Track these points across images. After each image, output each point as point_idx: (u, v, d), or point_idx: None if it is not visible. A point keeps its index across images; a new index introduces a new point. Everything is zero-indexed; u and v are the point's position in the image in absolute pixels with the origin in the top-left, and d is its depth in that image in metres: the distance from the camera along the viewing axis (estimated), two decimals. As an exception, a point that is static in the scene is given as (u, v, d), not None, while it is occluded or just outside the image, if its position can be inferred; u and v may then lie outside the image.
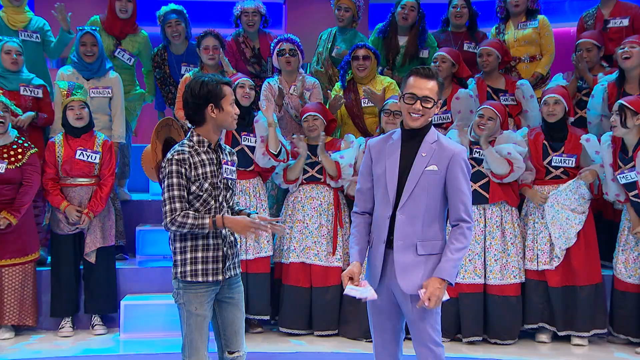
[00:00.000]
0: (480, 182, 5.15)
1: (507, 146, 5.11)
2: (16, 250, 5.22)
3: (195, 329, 3.48)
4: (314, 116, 5.32)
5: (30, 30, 6.09)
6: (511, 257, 5.14)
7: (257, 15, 6.29)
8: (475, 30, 6.46)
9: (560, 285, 5.14)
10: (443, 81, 3.51)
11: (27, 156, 5.20)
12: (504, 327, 5.16)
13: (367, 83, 5.80)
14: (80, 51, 5.74)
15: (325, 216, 5.31)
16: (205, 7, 7.77)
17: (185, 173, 3.40)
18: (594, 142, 5.14)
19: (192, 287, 3.47)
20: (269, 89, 5.73)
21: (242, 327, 3.62)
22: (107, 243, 5.37)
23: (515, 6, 6.28)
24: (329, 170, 5.28)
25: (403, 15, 6.18)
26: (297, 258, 5.29)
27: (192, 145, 3.47)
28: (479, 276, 5.11)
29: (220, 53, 5.78)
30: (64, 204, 5.20)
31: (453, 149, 3.32)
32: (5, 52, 5.58)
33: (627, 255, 5.08)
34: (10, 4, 6.10)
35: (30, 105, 5.64)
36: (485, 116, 5.15)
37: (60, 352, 4.97)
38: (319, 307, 5.29)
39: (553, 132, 5.24)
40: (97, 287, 5.35)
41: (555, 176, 5.22)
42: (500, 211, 5.17)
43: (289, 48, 5.70)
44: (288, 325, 5.35)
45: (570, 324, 5.17)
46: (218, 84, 3.43)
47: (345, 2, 6.24)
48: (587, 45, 5.78)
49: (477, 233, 5.13)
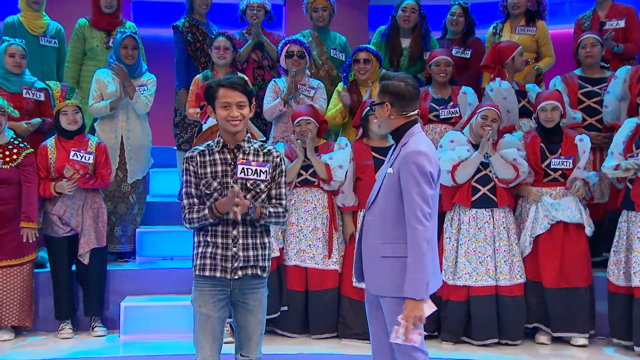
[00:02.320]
0: (488, 186, 5.17)
1: (511, 151, 5.14)
2: (13, 252, 5.20)
3: (199, 327, 3.54)
4: (307, 120, 5.31)
5: (49, 36, 6.14)
6: (516, 257, 5.17)
7: (262, 10, 6.41)
8: (469, 36, 6.48)
9: (556, 286, 5.14)
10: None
11: (23, 156, 5.19)
12: (513, 327, 5.17)
13: (369, 85, 5.81)
14: (122, 54, 5.78)
15: (320, 219, 5.30)
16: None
17: (193, 170, 3.48)
18: (587, 142, 5.22)
19: (199, 284, 3.54)
20: (275, 87, 5.83)
21: (256, 334, 3.60)
22: (101, 244, 5.36)
23: (515, 8, 6.30)
24: (319, 173, 5.25)
25: (404, 17, 6.23)
26: (291, 261, 5.28)
27: (211, 144, 3.53)
28: (491, 278, 5.11)
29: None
30: (52, 185, 5.18)
31: (406, 151, 3.28)
32: (9, 54, 5.58)
33: (617, 257, 5.09)
34: (30, 9, 6.12)
35: (32, 108, 5.64)
36: (489, 117, 5.16)
37: (59, 354, 4.95)
38: (316, 310, 5.28)
39: (549, 135, 5.28)
40: (90, 289, 5.35)
41: (553, 179, 5.25)
42: (505, 213, 5.20)
43: (297, 50, 5.77)
44: (284, 328, 5.34)
45: (565, 325, 5.17)
46: (214, 85, 3.45)
47: (321, 2, 6.33)
48: (591, 41, 5.79)
49: (487, 235, 5.14)
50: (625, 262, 5.04)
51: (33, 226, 5.14)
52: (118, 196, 5.90)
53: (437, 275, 3.39)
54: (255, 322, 3.59)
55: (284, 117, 5.77)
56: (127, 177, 5.91)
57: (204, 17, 6.51)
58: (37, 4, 6.12)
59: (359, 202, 5.27)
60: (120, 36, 5.81)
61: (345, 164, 5.23)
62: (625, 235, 5.07)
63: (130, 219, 5.97)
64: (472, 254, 5.13)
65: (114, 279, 5.56)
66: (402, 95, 3.34)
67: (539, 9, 6.39)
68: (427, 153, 3.26)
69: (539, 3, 6.38)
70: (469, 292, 5.11)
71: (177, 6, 6.74)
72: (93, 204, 5.34)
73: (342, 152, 5.30)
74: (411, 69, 6.23)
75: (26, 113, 5.60)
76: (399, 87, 3.34)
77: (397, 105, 3.35)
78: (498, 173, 5.14)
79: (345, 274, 5.28)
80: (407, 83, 3.35)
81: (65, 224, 5.24)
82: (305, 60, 5.82)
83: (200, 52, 6.35)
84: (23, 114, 5.58)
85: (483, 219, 5.15)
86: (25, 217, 5.12)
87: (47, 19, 6.24)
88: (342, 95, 5.74)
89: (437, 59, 5.68)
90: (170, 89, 6.55)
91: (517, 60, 5.74)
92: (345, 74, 5.89)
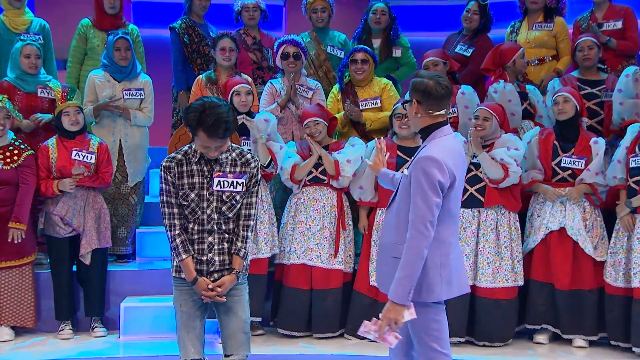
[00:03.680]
0: (477, 186, 5.16)
1: (500, 151, 5.11)
2: (12, 253, 5.21)
3: (182, 326, 3.60)
4: (315, 121, 5.32)
5: (32, 32, 6.09)
6: (504, 261, 5.12)
7: (257, 11, 6.45)
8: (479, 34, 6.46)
9: (568, 288, 5.13)
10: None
11: (23, 157, 5.20)
12: (494, 330, 5.15)
13: (365, 85, 5.83)
14: (115, 56, 5.78)
15: (328, 218, 5.31)
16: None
17: (171, 180, 3.51)
18: (601, 145, 5.18)
19: (177, 284, 3.63)
20: (271, 89, 5.80)
21: (238, 332, 3.63)
22: (103, 245, 5.37)
23: (533, 2, 6.31)
24: (328, 169, 5.27)
25: (375, 20, 6.37)
26: (298, 259, 5.28)
27: (187, 153, 3.53)
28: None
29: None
30: (55, 183, 5.20)
31: (420, 156, 3.25)
32: (24, 55, 5.60)
33: (614, 258, 5.09)
34: (11, 7, 6.10)
35: (46, 107, 5.67)
36: (481, 117, 5.16)
37: (59, 354, 4.96)
38: (320, 309, 5.29)
39: (564, 132, 5.25)
40: (91, 289, 5.36)
41: (562, 178, 5.22)
42: (496, 215, 5.16)
43: (293, 52, 5.75)
44: (287, 327, 5.35)
45: (576, 326, 5.17)
46: (193, 124, 3.37)
47: (320, 2, 6.36)
48: (588, 43, 5.80)
49: (468, 235, 5.13)
50: (625, 263, 5.04)
51: (21, 227, 5.14)
52: (118, 198, 5.90)
53: (453, 282, 3.32)
54: (236, 320, 3.62)
55: (282, 120, 5.74)
56: (128, 180, 5.91)
57: (201, 19, 6.52)
58: (19, 2, 6.09)
59: (378, 200, 5.27)
60: (113, 38, 5.80)
61: (355, 160, 5.23)
62: (624, 237, 5.07)
63: (133, 220, 5.98)
64: None
65: (114, 279, 5.57)
66: (429, 93, 3.27)
67: (558, 6, 6.38)
68: (438, 160, 3.18)
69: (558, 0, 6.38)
70: None
71: (177, 7, 6.75)
72: (95, 205, 5.36)
73: (352, 149, 5.31)
74: (382, 65, 6.29)
75: (41, 112, 5.63)
76: (428, 85, 3.27)
77: (424, 103, 3.28)
78: (487, 173, 5.12)
79: (360, 271, 5.28)
80: (437, 82, 3.27)
81: (67, 225, 5.25)
82: (301, 60, 5.81)
83: (196, 53, 6.36)
84: (38, 112, 5.61)
85: (467, 219, 5.13)
86: (15, 218, 5.13)
87: (31, 16, 6.21)
88: (352, 110, 5.70)
89: (425, 61, 5.71)
90: (169, 89, 6.56)
91: (518, 63, 5.73)
92: (340, 73, 5.90)
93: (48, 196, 5.26)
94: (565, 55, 6.28)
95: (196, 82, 5.88)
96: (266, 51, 6.42)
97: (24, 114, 5.53)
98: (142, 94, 5.89)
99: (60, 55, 6.43)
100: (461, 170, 3.32)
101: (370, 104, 5.77)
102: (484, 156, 5.09)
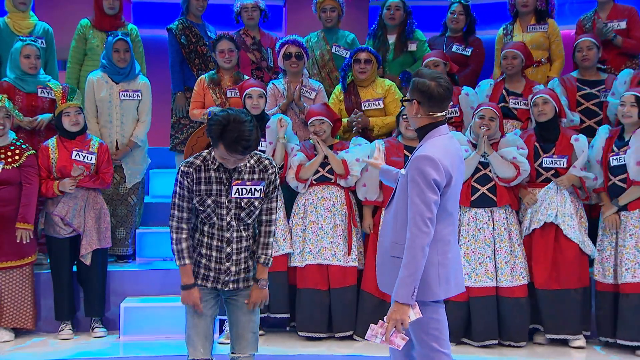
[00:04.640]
0: (487, 186, 5.17)
1: (511, 150, 5.15)
2: (13, 253, 5.21)
3: (192, 325, 3.60)
4: (320, 120, 5.32)
5: (35, 36, 6.09)
6: (518, 259, 5.16)
7: (256, 10, 6.44)
8: (470, 34, 6.52)
9: (546, 287, 5.14)
10: None
11: (25, 157, 5.21)
12: (515, 329, 5.17)
13: (367, 86, 5.83)
14: (114, 57, 5.78)
15: (339, 216, 5.29)
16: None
17: (187, 185, 3.48)
18: (583, 141, 5.20)
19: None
20: (273, 90, 5.79)
21: (247, 331, 3.63)
22: (103, 245, 5.37)
23: (524, 6, 6.32)
24: (336, 168, 5.26)
25: (389, 15, 6.36)
26: (313, 260, 5.24)
27: (206, 159, 3.51)
28: (491, 279, 5.12)
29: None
30: (56, 183, 5.20)
31: (416, 155, 3.26)
32: (24, 56, 5.60)
33: (602, 255, 5.12)
34: (16, 10, 6.11)
35: (47, 106, 5.67)
36: (487, 117, 5.17)
37: (59, 355, 4.96)
38: (339, 308, 5.25)
39: (544, 133, 5.29)
40: (91, 290, 5.36)
41: (546, 179, 5.25)
42: (506, 214, 5.21)
43: (295, 52, 5.74)
44: (308, 329, 5.29)
45: (558, 327, 5.17)
46: (215, 137, 3.35)
47: (330, 2, 6.35)
48: (587, 44, 5.81)
49: (486, 236, 5.15)
50: (615, 259, 5.07)
51: (29, 227, 5.15)
52: (116, 199, 5.90)
53: (451, 281, 3.33)
54: (245, 319, 3.62)
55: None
56: (126, 180, 5.91)
57: (199, 19, 6.52)
58: (24, 5, 6.10)
59: (383, 199, 5.28)
60: (112, 39, 5.80)
61: (363, 159, 5.25)
62: (611, 234, 5.10)
63: (132, 220, 5.98)
64: (471, 255, 5.14)
65: (114, 279, 5.57)
66: (431, 95, 3.25)
67: (547, 8, 6.39)
68: (433, 159, 3.18)
69: (547, 2, 6.38)
70: (468, 293, 5.11)
71: (177, 7, 6.74)
72: (95, 205, 5.36)
73: (359, 148, 5.31)
74: (397, 60, 6.30)
75: (42, 112, 5.64)
76: (429, 86, 3.25)
77: (425, 104, 3.28)
78: (498, 172, 5.14)
79: (366, 270, 5.28)
80: (439, 83, 3.25)
81: (68, 225, 5.25)
82: (303, 61, 5.81)
83: (194, 54, 6.36)
84: (38, 112, 5.62)
85: (482, 220, 5.16)
86: (22, 218, 5.14)
87: (35, 19, 6.21)
88: (361, 123, 5.67)
89: (426, 61, 5.70)
90: (169, 89, 6.56)
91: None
92: (343, 73, 5.89)
93: (48, 196, 5.26)
94: (558, 59, 6.30)
95: (198, 81, 5.88)
96: (265, 51, 6.43)
97: (24, 114, 5.54)
98: (139, 96, 5.88)
99: (60, 56, 6.42)
100: (457, 170, 3.31)
101: (372, 105, 5.76)
102: (494, 155, 5.11)
